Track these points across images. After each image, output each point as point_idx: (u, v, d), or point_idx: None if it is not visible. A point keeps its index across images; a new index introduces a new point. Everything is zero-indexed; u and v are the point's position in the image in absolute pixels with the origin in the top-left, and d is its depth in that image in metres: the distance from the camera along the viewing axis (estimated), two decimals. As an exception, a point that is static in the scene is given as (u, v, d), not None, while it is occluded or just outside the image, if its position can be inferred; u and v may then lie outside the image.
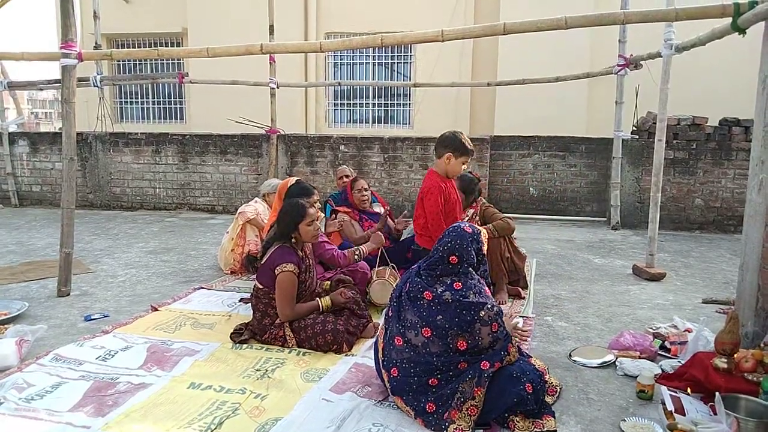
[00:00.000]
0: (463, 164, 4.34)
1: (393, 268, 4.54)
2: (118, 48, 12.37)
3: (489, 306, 2.73)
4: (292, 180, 5.40)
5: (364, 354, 3.50)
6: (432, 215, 4.29)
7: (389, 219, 5.28)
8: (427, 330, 2.71)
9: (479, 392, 2.60)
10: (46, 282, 5.08)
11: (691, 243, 7.26)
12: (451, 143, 4.29)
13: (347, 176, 5.96)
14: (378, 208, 5.41)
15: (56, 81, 8.67)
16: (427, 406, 2.66)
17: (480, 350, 2.72)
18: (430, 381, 2.71)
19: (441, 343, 2.70)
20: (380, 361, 2.90)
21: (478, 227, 3.00)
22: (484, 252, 2.96)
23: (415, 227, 4.61)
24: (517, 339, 3.71)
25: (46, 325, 3.90)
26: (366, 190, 5.25)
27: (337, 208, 5.28)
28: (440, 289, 2.76)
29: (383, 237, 4.66)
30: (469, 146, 4.29)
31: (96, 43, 9.86)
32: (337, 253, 4.30)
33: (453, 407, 2.60)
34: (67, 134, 4.78)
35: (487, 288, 2.88)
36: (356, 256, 4.36)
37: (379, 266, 4.47)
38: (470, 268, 2.85)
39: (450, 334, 2.68)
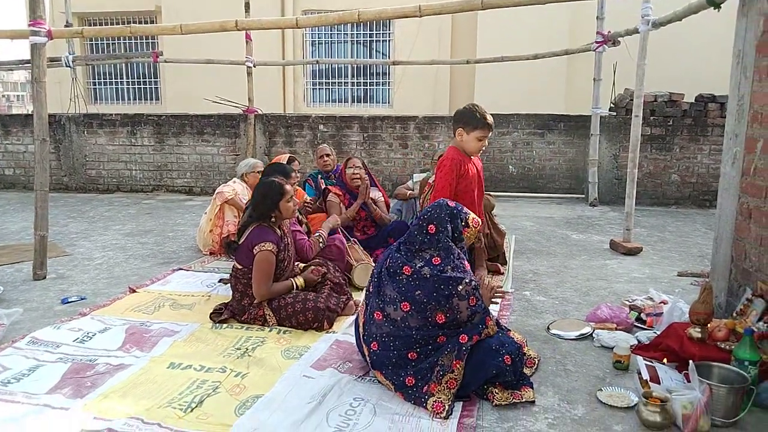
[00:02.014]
0: (479, 139, 3.85)
1: (354, 242, 4.67)
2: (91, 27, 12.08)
3: (467, 281, 2.74)
4: (284, 157, 5.36)
5: (345, 331, 3.51)
6: (439, 189, 3.84)
7: (375, 205, 5.19)
8: (406, 304, 2.71)
9: (458, 365, 2.63)
10: (21, 266, 5.00)
11: (667, 218, 7.36)
12: (461, 117, 3.87)
13: (328, 155, 5.90)
14: (375, 194, 5.30)
15: (26, 61, 8.45)
16: (407, 380, 2.68)
17: (458, 324, 2.74)
18: (409, 354, 2.72)
19: (420, 317, 2.71)
20: (361, 336, 2.91)
21: (468, 211, 2.98)
22: (465, 235, 2.93)
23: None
24: (497, 305, 3.74)
25: (22, 308, 3.84)
26: (360, 168, 5.19)
27: (329, 188, 5.23)
28: (419, 264, 2.76)
29: (337, 219, 4.68)
30: (481, 117, 3.80)
31: (67, 21, 9.63)
32: (306, 243, 4.27)
33: (432, 380, 2.63)
34: (38, 115, 4.67)
35: (466, 263, 2.89)
36: (320, 244, 4.35)
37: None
38: (450, 243, 2.85)
39: (428, 309, 2.70)
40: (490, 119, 3.80)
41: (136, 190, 9.66)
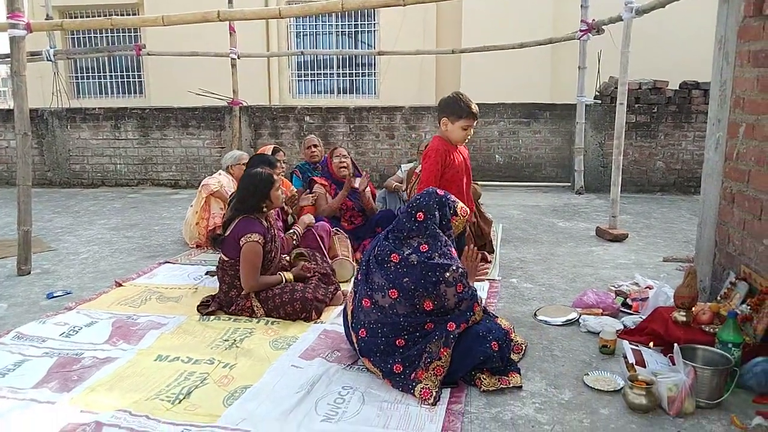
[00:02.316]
0: (464, 129, 3.69)
1: (336, 231, 4.70)
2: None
3: (454, 267, 2.75)
4: (269, 148, 5.33)
5: (333, 321, 3.51)
6: (425, 180, 3.70)
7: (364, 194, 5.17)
8: (394, 291, 2.72)
9: (445, 353, 2.64)
10: (4, 261, 4.95)
11: (652, 204, 7.42)
12: (445, 106, 3.71)
13: (315, 145, 5.86)
14: (358, 182, 5.26)
15: (6, 55, 8.34)
16: (395, 367, 2.69)
17: (446, 311, 2.75)
18: (397, 341, 2.73)
19: (408, 304, 2.72)
20: (349, 323, 2.92)
21: (456, 200, 2.99)
22: (453, 223, 2.94)
23: None
24: (484, 293, 3.72)
25: (6, 304, 3.82)
26: (345, 157, 5.17)
27: (315, 179, 5.21)
28: (407, 252, 2.77)
29: (312, 218, 4.63)
30: (465, 106, 3.64)
31: (47, 15, 9.49)
32: (282, 241, 4.25)
33: (420, 367, 2.64)
34: (19, 108, 4.61)
35: (454, 250, 2.90)
36: (294, 241, 4.35)
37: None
38: (438, 230, 2.85)
39: (416, 295, 2.71)
40: (475, 108, 3.68)
41: (121, 185, 9.58)
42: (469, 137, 3.83)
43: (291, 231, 4.39)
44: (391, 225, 2.95)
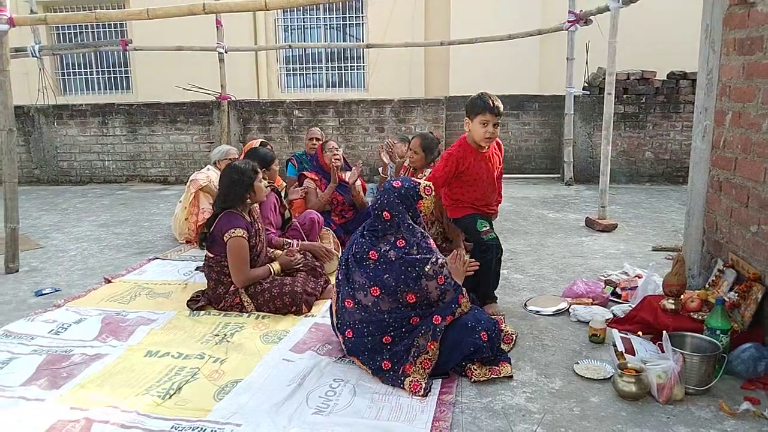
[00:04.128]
0: (484, 124, 3.40)
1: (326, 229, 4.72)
2: (57, 16, 11.77)
3: (433, 260, 2.73)
4: (256, 142, 5.29)
5: (324, 314, 3.50)
6: (429, 177, 3.59)
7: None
8: (376, 289, 2.70)
9: (433, 346, 2.64)
10: (-8, 259, 4.91)
11: (641, 195, 7.45)
12: (466, 106, 3.50)
13: (318, 139, 5.81)
14: (347, 175, 5.23)
15: (-9, 51, 8.23)
16: (383, 364, 2.68)
17: (430, 303, 2.75)
18: (384, 339, 2.72)
19: (390, 299, 2.71)
20: (335, 324, 2.91)
21: (416, 181, 2.89)
22: (421, 208, 2.86)
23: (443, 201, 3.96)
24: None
25: (-6, 302, 3.78)
26: (337, 149, 5.15)
27: (305, 173, 5.18)
28: (384, 248, 2.74)
29: (290, 260, 4.01)
30: (481, 101, 3.40)
31: (31, 10, 9.36)
32: (273, 239, 4.20)
33: (407, 361, 2.64)
34: (3, 104, 4.56)
35: (432, 242, 2.87)
36: (284, 246, 4.15)
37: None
38: (410, 222, 2.80)
39: (398, 291, 2.69)
40: (494, 102, 3.37)
41: (109, 181, 9.50)
42: (491, 136, 3.46)
43: (284, 241, 4.22)
44: (366, 222, 2.91)
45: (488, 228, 3.49)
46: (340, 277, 2.88)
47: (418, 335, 2.67)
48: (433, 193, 2.91)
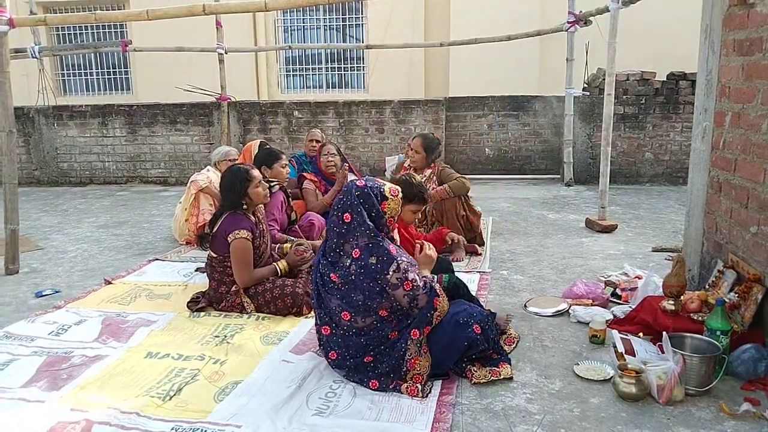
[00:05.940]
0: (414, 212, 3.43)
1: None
2: (56, 17, 11.78)
3: (395, 267, 2.60)
4: (256, 143, 5.30)
5: (323, 315, 3.51)
6: None
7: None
8: (346, 314, 2.65)
9: (417, 362, 2.62)
10: (-8, 261, 4.91)
11: (641, 195, 7.45)
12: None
13: (318, 141, 5.81)
14: (352, 178, 5.23)
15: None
16: (371, 383, 2.63)
17: (405, 313, 2.69)
18: (365, 359, 2.67)
19: (363, 317, 2.65)
20: (319, 345, 2.88)
21: (382, 182, 2.77)
22: (385, 209, 2.70)
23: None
24: (474, 285, 3.62)
25: (-6, 303, 3.78)
26: (334, 154, 5.15)
27: (305, 174, 5.18)
28: (344, 265, 2.64)
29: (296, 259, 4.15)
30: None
31: (31, 11, 9.38)
32: (276, 235, 4.20)
33: (398, 379, 2.62)
34: (3, 106, 4.56)
35: (391, 246, 2.69)
36: (286, 246, 4.17)
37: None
38: (369, 225, 2.63)
39: (370, 306, 2.63)
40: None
41: (109, 182, 9.51)
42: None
43: (291, 242, 4.25)
44: (322, 240, 2.83)
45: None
46: (314, 303, 2.82)
47: (399, 353, 2.61)
48: (400, 195, 2.78)
